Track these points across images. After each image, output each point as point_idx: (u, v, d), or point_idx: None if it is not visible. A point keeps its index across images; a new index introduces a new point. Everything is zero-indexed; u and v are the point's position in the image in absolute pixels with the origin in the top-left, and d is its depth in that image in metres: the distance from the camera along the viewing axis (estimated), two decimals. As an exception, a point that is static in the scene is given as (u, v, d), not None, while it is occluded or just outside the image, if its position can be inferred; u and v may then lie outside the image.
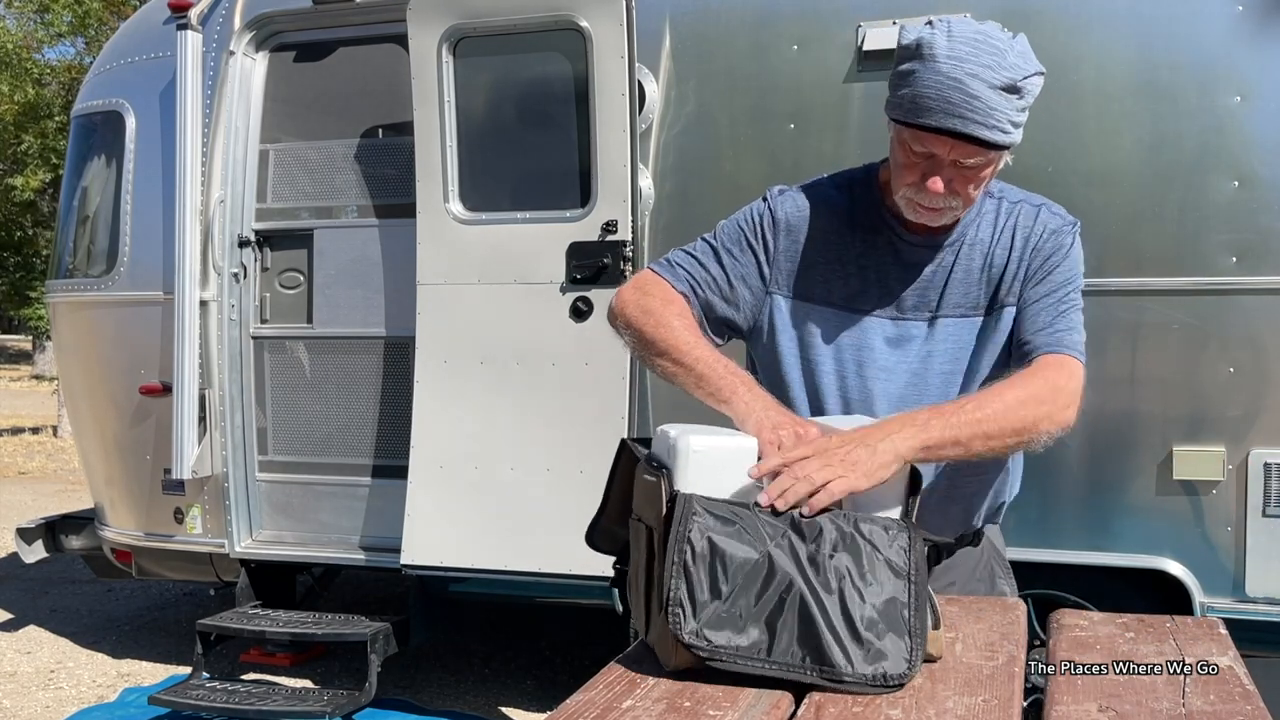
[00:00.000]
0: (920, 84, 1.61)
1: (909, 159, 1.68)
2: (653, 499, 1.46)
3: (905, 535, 1.45)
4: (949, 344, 1.78)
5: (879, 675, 1.34)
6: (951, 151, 1.63)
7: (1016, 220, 1.80)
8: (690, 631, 1.35)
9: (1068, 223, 1.81)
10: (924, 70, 1.61)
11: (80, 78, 15.18)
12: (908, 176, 1.69)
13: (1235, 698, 1.37)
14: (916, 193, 1.69)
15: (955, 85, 1.58)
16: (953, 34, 1.61)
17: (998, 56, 1.60)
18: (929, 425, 1.55)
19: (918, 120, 1.62)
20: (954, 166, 1.65)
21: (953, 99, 1.58)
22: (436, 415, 3.88)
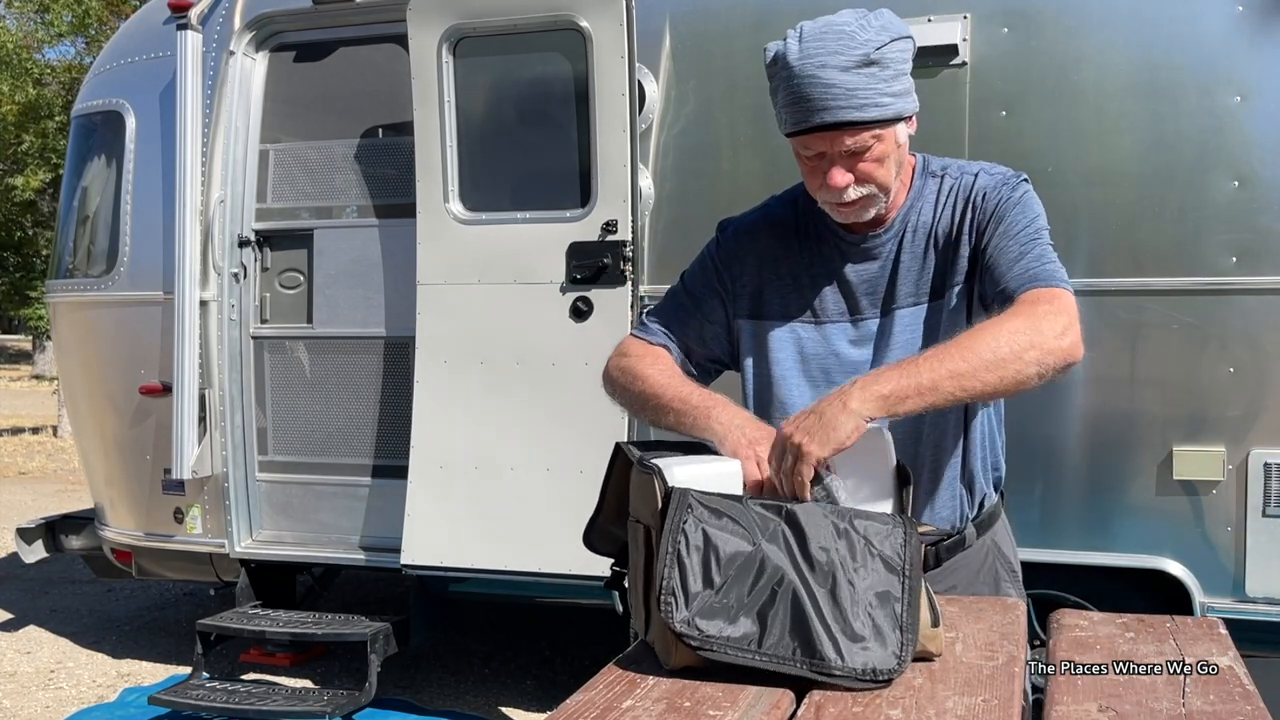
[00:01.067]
0: (784, 92, 1.66)
1: (807, 168, 1.71)
2: (648, 497, 1.47)
3: (900, 530, 1.45)
4: (905, 334, 1.77)
5: (869, 670, 1.34)
6: (833, 144, 1.64)
7: (957, 192, 1.77)
8: (682, 620, 1.35)
9: (1009, 177, 1.76)
10: (783, 78, 1.66)
11: (80, 78, 15.19)
12: (813, 182, 1.71)
13: (1235, 698, 1.37)
14: (828, 194, 1.70)
15: (809, 81, 1.61)
16: (803, 35, 1.64)
17: (845, 40, 1.60)
18: (882, 376, 1.51)
19: (793, 128, 1.67)
20: (845, 157, 1.65)
21: (811, 94, 1.61)
22: (436, 415, 3.89)
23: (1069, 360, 1.57)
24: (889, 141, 1.67)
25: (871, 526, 1.44)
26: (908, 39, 1.65)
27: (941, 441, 1.80)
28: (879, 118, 1.62)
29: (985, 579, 1.89)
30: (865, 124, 1.62)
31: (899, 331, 1.78)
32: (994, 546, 1.91)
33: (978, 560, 1.89)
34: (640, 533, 1.50)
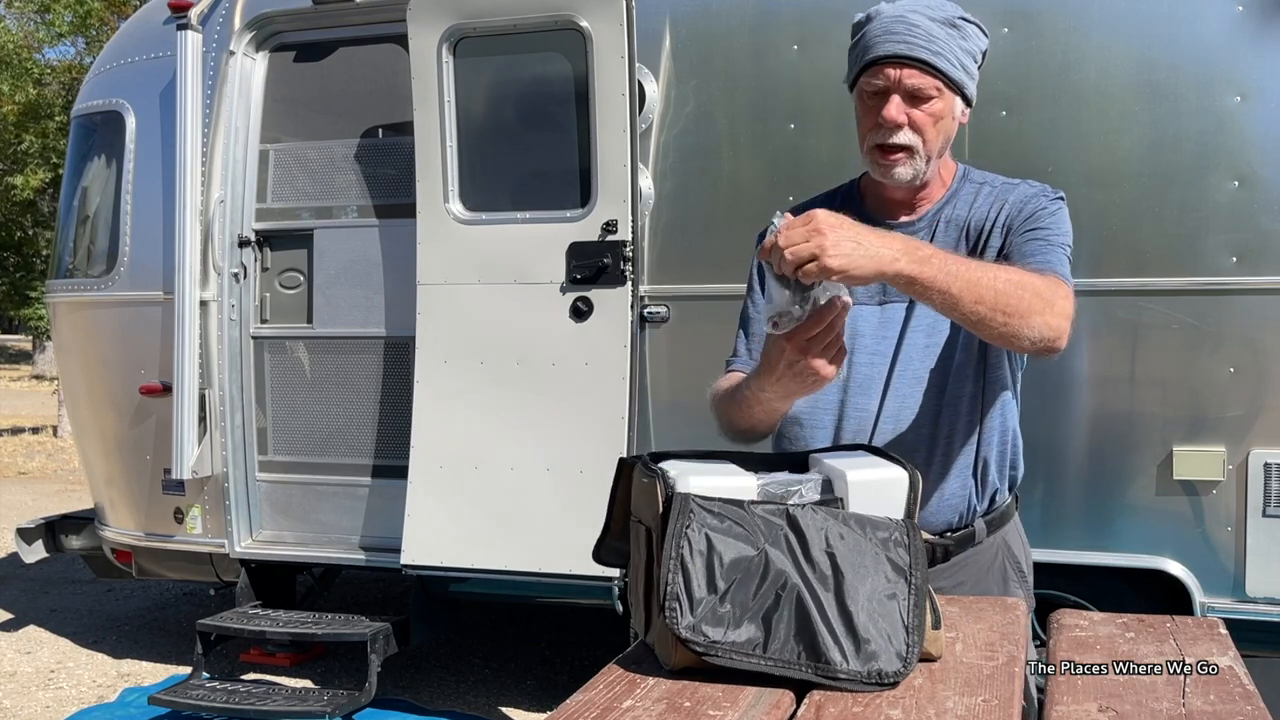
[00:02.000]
0: (868, 36, 1.75)
1: (865, 108, 1.77)
2: (650, 499, 1.47)
3: (905, 533, 1.45)
4: (927, 318, 1.81)
5: (874, 673, 1.34)
6: (900, 77, 1.72)
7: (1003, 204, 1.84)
8: (686, 626, 1.35)
9: (1048, 190, 1.85)
10: (869, 25, 1.76)
11: (80, 78, 15.19)
12: (868, 123, 1.77)
13: (1235, 698, 1.37)
14: (876, 134, 1.75)
15: (897, 19, 1.73)
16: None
17: (936, 2, 1.75)
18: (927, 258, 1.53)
19: (865, 59, 1.74)
20: (908, 100, 1.73)
21: (895, 30, 1.72)
22: (436, 415, 3.89)
23: (1056, 344, 1.64)
24: (947, 104, 1.75)
25: (876, 529, 1.44)
26: (986, 38, 1.79)
27: (955, 425, 1.84)
28: (947, 71, 1.72)
29: (994, 577, 1.90)
30: (934, 70, 1.72)
31: (920, 315, 1.82)
32: (1004, 546, 1.92)
33: (988, 558, 1.90)
34: (642, 534, 1.50)
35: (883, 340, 1.85)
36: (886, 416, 1.84)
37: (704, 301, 3.76)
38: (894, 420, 1.83)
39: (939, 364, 1.83)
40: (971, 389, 1.85)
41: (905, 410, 1.83)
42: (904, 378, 1.83)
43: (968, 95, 1.78)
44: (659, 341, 3.80)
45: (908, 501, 1.53)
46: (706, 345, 3.76)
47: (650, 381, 3.79)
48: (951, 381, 1.84)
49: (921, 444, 1.83)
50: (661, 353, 3.80)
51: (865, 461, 1.58)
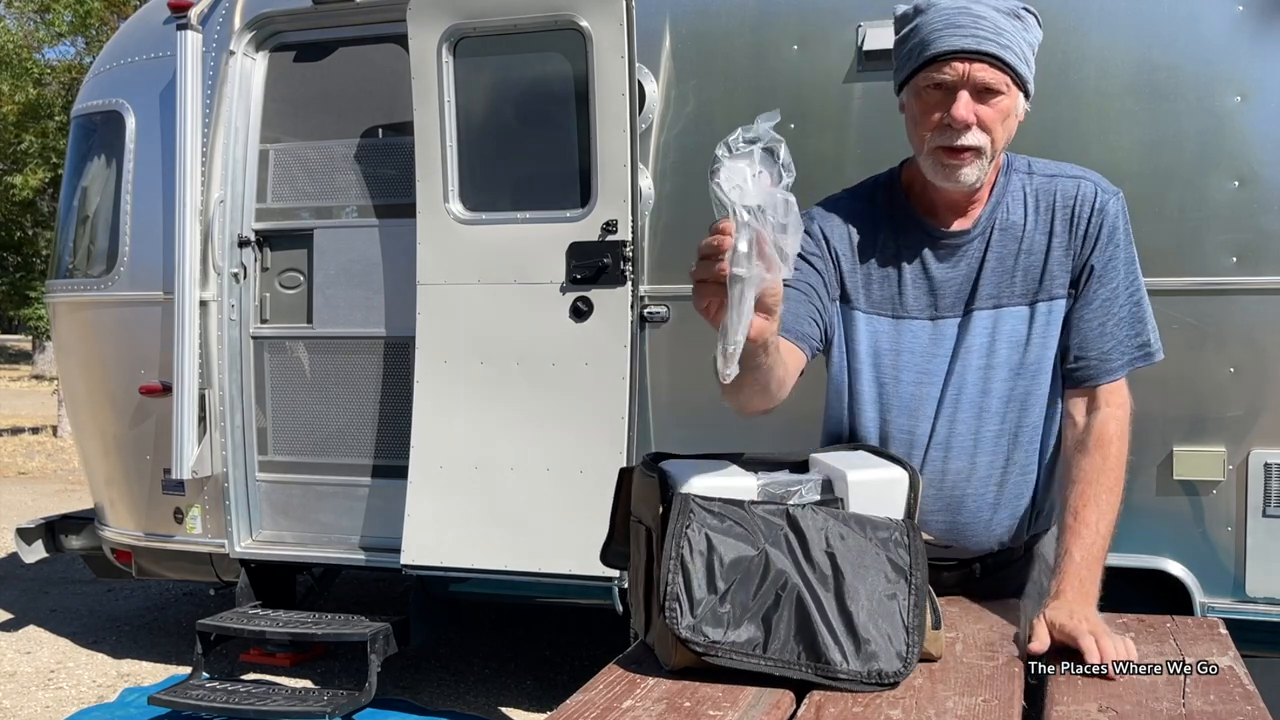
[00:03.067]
0: (926, 28, 1.63)
1: (926, 105, 1.66)
2: (650, 499, 1.47)
3: (905, 534, 1.45)
4: (983, 338, 1.73)
5: (874, 673, 1.34)
6: (969, 72, 1.61)
7: (1054, 197, 1.75)
8: (687, 626, 1.35)
9: (1111, 194, 1.77)
10: (926, 17, 1.64)
11: (80, 78, 15.19)
12: (929, 123, 1.65)
13: (1235, 698, 1.37)
14: (941, 135, 1.64)
15: (961, 11, 1.61)
16: None
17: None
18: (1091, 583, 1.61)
19: (928, 54, 1.62)
20: (975, 94, 1.62)
21: (961, 22, 1.60)
22: (436, 415, 3.88)
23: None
24: (1013, 100, 1.66)
25: (876, 530, 1.44)
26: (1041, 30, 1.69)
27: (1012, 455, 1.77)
28: (1015, 66, 1.62)
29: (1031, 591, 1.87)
30: (1004, 65, 1.61)
31: (977, 333, 1.74)
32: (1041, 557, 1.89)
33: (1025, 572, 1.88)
34: (642, 533, 1.50)
35: (933, 359, 1.75)
36: (937, 443, 1.75)
37: (704, 301, 3.75)
38: (944, 447, 1.75)
39: (997, 389, 1.74)
40: (1034, 419, 1.76)
41: (956, 437, 1.74)
42: (957, 402, 1.74)
43: (1030, 91, 1.68)
44: (659, 341, 3.80)
45: (908, 501, 1.53)
46: (707, 345, 3.76)
47: (650, 381, 3.79)
48: (1011, 409, 1.75)
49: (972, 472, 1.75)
50: (661, 353, 3.80)
51: (865, 461, 1.58)
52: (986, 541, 1.81)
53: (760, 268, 1.23)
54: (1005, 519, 1.79)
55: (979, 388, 1.74)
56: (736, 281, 1.23)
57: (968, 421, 1.74)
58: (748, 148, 1.25)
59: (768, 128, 1.25)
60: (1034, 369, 1.74)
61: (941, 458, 1.75)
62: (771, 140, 1.24)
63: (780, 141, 1.24)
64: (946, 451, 1.75)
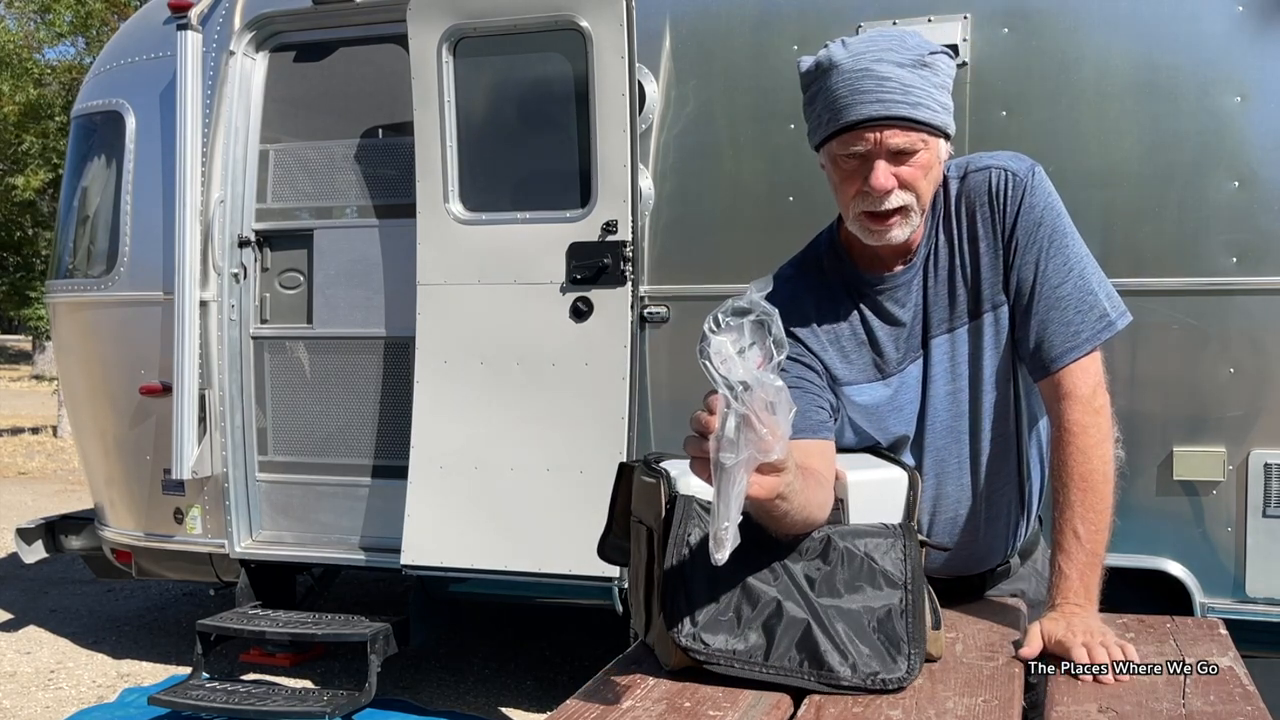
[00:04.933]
0: (830, 92, 1.57)
1: (844, 173, 1.61)
2: (652, 500, 1.46)
3: (901, 543, 1.45)
4: (944, 363, 1.73)
5: (877, 681, 1.34)
6: (881, 141, 1.55)
7: (969, 199, 1.70)
8: (687, 634, 1.35)
9: (1022, 172, 1.69)
10: (829, 79, 1.57)
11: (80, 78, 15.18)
12: (850, 190, 1.61)
13: (1235, 698, 1.37)
14: (864, 201, 1.60)
15: (862, 75, 1.54)
16: (847, 42, 1.59)
17: (896, 40, 1.57)
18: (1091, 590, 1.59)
19: (839, 123, 1.56)
20: (891, 158, 1.57)
21: (864, 87, 1.54)
22: (436, 415, 3.88)
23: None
24: (934, 152, 1.61)
25: (874, 540, 1.43)
26: (951, 56, 1.61)
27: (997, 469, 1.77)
28: (930, 121, 1.56)
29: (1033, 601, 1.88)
30: (918, 124, 1.55)
31: (936, 362, 1.73)
32: (1038, 573, 1.89)
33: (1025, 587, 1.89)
34: (643, 534, 1.50)
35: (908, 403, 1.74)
36: (928, 472, 1.74)
37: (704, 302, 3.76)
38: (935, 475, 1.75)
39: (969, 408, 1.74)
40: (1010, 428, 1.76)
41: (944, 465, 1.75)
42: (935, 429, 1.73)
43: (950, 133, 1.63)
44: (659, 341, 3.79)
45: (908, 501, 1.53)
46: (706, 345, 3.76)
47: (650, 381, 3.79)
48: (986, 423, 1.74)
49: (964, 495, 1.76)
50: (661, 353, 3.80)
51: (865, 462, 1.58)
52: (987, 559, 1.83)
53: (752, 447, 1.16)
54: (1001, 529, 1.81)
55: (951, 411, 1.74)
56: (720, 468, 1.16)
57: (948, 446, 1.75)
58: (738, 320, 1.19)
59: (759, 298, 1.20)
60: (998, 378, 1.73)
61: (934, 484, 1.75)
62: (763, 313, 1.19)
63: (772, 315, 1.19)
64: (938, 478, 1.75)
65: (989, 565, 1.84)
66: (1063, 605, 1.57)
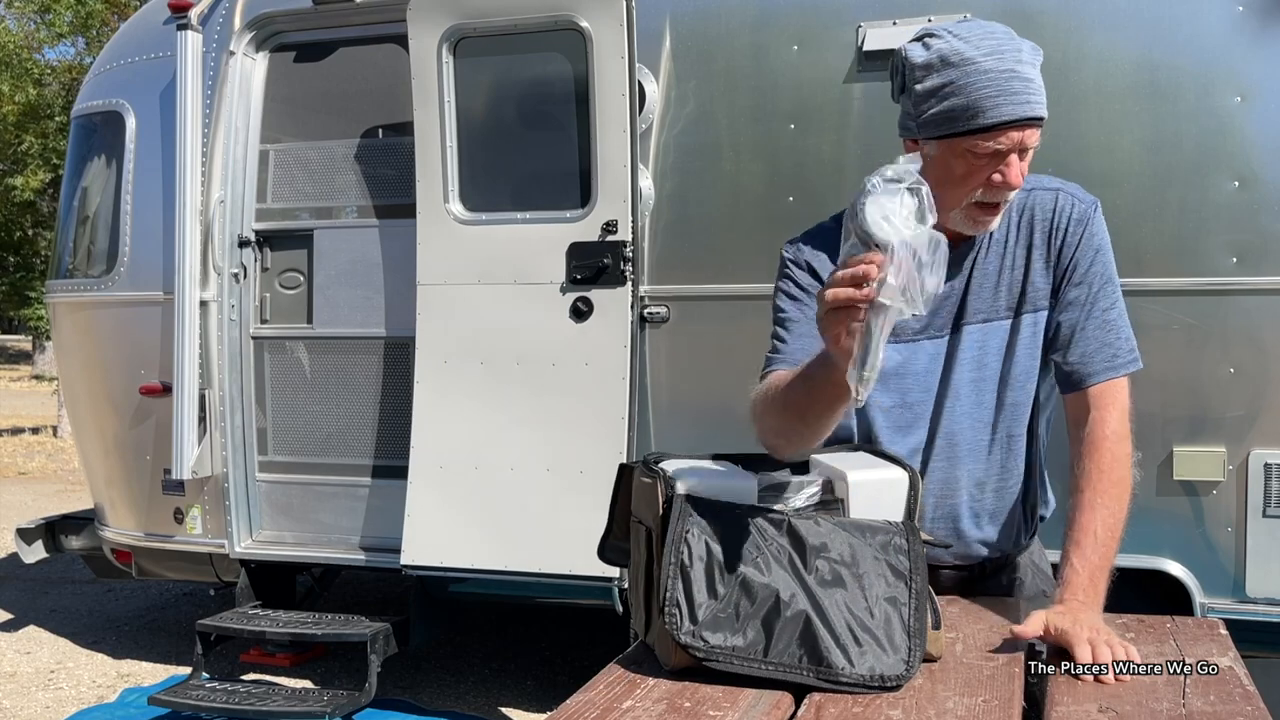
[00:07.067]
0: (971, 88, 1.60)
1: (971, 165, 1.65)
2: (650, 499, 1.46)
3: (905, 537, 1.45)
4: (972, 351, 1.78)
5: (876, 676, 1.34)
6: (1024, 140, 1.62)
7: (1032, 211, 1.77)
8: (687, 632, 1.35)
9: (1089, 205, 1.78)
10: (966, 75, 1.61)
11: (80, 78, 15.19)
12: (974, 182, 1.66)
13: (1235, 698, 1.37)
14: (987, 193, 1.66)
15: (1011, 75, 1.60)
16: (964, 36, 1.62)
17: (1016, 41, 1.63)
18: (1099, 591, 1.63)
19: (985, 121, 1.60)
20: (1021, 155, 1.65)
21: (1014, 88, 1.59)
22: (436, 415, 3.89)
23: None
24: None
25: (876, 533, 1.44)
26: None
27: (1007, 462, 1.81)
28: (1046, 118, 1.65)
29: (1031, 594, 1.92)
30: (1042, 122, 1.64)
31: (967, 349, 1.78)
32: (1033, 565, 1.95)
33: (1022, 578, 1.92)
34: (642, 534, 1.50)
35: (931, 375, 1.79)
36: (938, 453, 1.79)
37: (704, 301, 3.76)
38: (945, 457, 1.79)
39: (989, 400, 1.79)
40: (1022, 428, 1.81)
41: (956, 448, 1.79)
42: (953, 413, 1.78)
43: None
44: (659, 341, 3.80)
45: (908, 501, 1.53)
46: (706, 345, 3.77)
47: (650, 381, 3.79)
48: (1003, 418, 1.80)
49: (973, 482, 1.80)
50: (661, 353, 3.80)
51: (866, 462, 1.58)
52: (981, 548, 1.85)
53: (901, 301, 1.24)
54: (1000, 525, 1.84)
55: (973, 399, 1.79)
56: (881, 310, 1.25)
57: (964, 432, 1.79)
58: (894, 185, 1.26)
59: (913, 170, 1.27)
60: (1022, 379, 1.79)
61: (943, 468, 1.80)
62: (915, 182, 1.26)
63: (923, 184, 1.27)
64: (949, 462, 1.80)
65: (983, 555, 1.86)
66: (1070, 600, 1.58)
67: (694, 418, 3.77)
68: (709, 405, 3.76)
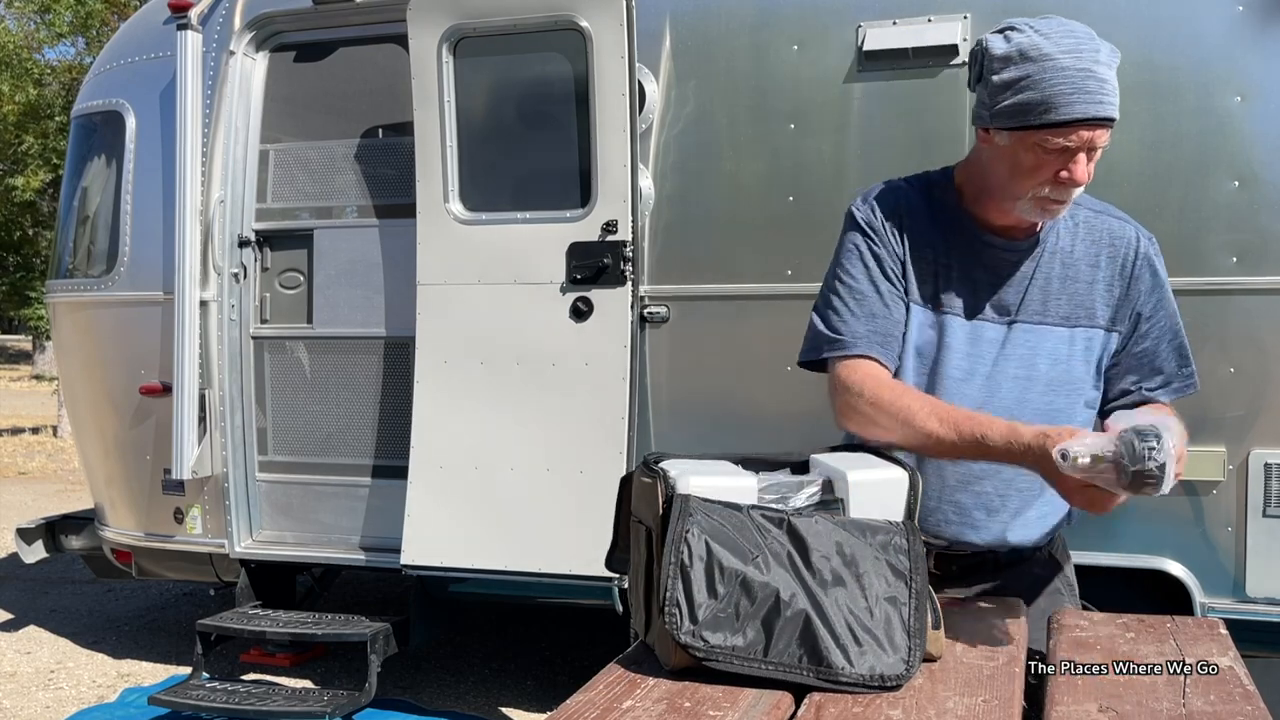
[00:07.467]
0: (1047, 83, 1.64)
1: (1040, 159, 1.67)
2: (650, 499, 1.46)
3: (904, 537, 1.45)
4: (1023, 349, 1.80)
5: (876, 676, 1.34)
6: (1094, 139, 1.66)
7: (1103, 234, 1.85)
8: (687, 631, 1.35)
9: (1150, 240, 1.89)
10: (1043, 70, 1.64)
11: (80, 78, 15.19)
12: (1041, 175, 1.69)
13: (1235, 698, 1.37)
14: (1053, 189, 1.69)
15: (1085, 74, 1.64)
16: (1045, 32, 1.66)
17: (1095, 41, 1.67)
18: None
19: (1057, 117, 1.63)
20: (1090, 153, 1.69)
21: (1089, 87, 1.64)
22: (436, 415, 3.89)
23: None
24: None
25: (875, 533, 1.44)
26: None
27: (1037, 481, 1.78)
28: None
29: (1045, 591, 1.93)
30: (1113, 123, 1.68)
31: (1017, 346, 1.80)
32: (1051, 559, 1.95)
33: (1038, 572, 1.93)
34: (642, 534, 1.50)
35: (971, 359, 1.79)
36: None
37: (704, 301, 3.76)
38: None
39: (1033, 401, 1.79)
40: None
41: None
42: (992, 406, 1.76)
43: None
44: (659, 341, 3.80)
45: (908, 501, 1.53)
46: (706, 345, 3.77)
47: (650, 381, 3.79)
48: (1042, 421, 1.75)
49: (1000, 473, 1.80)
50: (661, 353, 3.80)
51: (866, 462, 1.58)
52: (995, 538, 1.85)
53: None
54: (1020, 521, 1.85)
55: (1015, 397, 1.79)
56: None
57: None
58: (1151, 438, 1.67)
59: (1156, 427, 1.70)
60: (1068, 389, 1.82)
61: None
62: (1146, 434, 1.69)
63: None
64: None
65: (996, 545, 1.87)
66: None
67: (694, 418, 3.77)
68: (709, 405, 3.76)
